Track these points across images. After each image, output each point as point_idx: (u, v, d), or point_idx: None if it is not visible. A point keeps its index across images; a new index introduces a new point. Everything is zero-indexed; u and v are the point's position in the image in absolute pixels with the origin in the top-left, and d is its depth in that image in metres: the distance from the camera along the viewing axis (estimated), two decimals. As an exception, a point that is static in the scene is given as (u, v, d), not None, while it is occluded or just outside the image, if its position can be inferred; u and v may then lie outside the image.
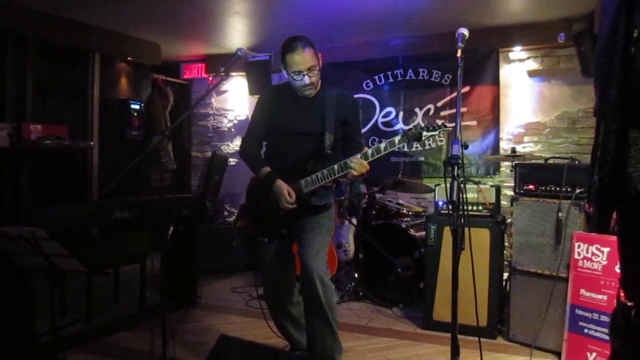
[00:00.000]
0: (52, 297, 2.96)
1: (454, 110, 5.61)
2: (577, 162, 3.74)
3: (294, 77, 2.86)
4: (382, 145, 2.69)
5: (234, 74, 7.04)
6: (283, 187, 2.88)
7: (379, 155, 2.71)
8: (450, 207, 2.14)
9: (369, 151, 2.72)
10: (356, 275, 4.75)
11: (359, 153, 2.75)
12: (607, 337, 2.89)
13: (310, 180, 2.87)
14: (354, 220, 4.96)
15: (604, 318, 3.06)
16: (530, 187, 3.63)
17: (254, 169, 3.04)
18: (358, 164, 2.71)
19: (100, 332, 3.74)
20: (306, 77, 2.84)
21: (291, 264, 3.16)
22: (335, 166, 2.79)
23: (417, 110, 6.00)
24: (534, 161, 4.38)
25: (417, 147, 5.96)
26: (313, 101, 2.98)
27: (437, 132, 2.61)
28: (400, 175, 5.28)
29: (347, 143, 3.03)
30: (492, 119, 5.65)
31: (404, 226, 4.53)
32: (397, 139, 2.66)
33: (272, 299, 3.19)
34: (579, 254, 3.27)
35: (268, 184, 2.93)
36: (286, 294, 3.14)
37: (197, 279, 4.61)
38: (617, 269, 2.83)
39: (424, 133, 2.61)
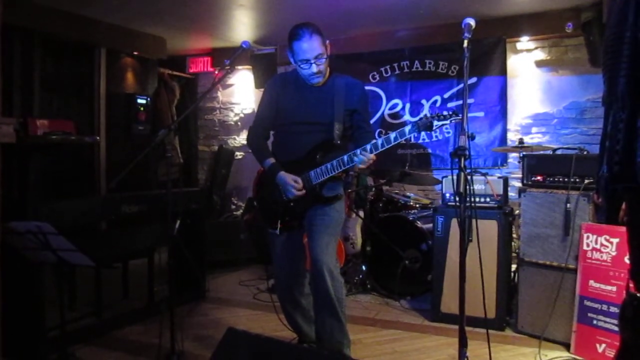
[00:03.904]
0: (61, 291, 2.99)
1: (461, 102, 5.60)
2: (585, 153, 3.71)
3: (301, 65, 2.83)
4: (392, 135, 2.66)
5: (239, 67, 7.03)
6: (287, 177, 2.88)
7: (389, 146, 2.68)
8: (457, 198, 2.13)
9: (379, 141, 2.68)
10: (364, 267, 4.74)
11: (368, 143, 2.71)
12: (616, 328, 2.87)
13: (319, 172, 2.85)
14: (361, 213, 4.95)
15: (613, 309, 3.05)
16: (539, 178, 3.60)
17: (258, 160, 3.04)
18: (365, 160, 2.69)
19: (109, 325, 3.76)
20: (313, 65, 2.80)
21: (301, 255, 3.16)
22: (345, 157, 2.77)
23: (423, 101, 5.97)
24: (542, 152, 4.35)
25: (424, 139, 5.95)
26: (322, 90, 2.94)
27: (447, 122, 2.57)
28: (407, 167, 5.26)
29: (356, 131, 3.00)
30: (500, 109, 5.62)
31: (411, 218, 4.52)
32: (407, 128, 2.63)
33: (282, 290, 3.19)
34: (587, 245, 3.25)
35: (272, 176, 2.93)
36: (297, 285, 3.14)
37: (205, 272, 4.63)
38: (627, 260, 2.81)
39: (435, 122, 2.58)
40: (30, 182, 3.27)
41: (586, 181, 3.34)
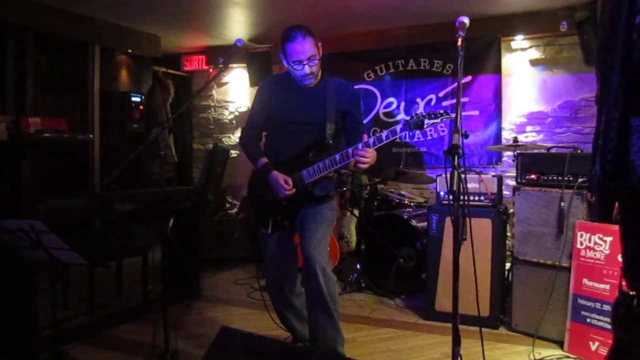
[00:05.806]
0: (54, 289, 2.97)
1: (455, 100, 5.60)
2: (579, 151, 3.72)
3: (294, 66, 2.85)
4: (384, 134, 2.68)
5: (234, 65, 7.01)
6: (279, 177, 2.88)
7: (380, 144, 2.70)
8: (451, 197, 2.13)
9: (370, 140, 2.70)
10: (358, 266, 4.74)
11: (360, 143, 2.73)
12: (609, 327, 2.88)
13: (312, 171, 2.86)
14: (356, 212, 4.95)
15: (607, 307, 3.06)
16: (533, 176, 3.61)
17: (251, 160, 3.04)
18: (368, 154, 2.69)
19: (102, 324, 3.75)
20: (306, 66, 2.83)
21: (293, 255, 3.16)
22: (337, 156, 2.78)
23: (418, 100, 5.97)
24: (536, 151, 4.36)
25: (419, 138, 5.95)
26: (314, 91, 2.96)
27: (439, 120, 2.60)
28: (402, 166, 5.27)
29: (349, 133, 3.02)
30: (494, 108, 5.62)
31: (405, 217, 4.52)
32: (398, 127, 2.65)
33: (274, 290, 3.18)
34: (581, 243, 3.26)
35: (264, 175, 2.93)
36: (288, 284, 3.13)
37: (199, 271, 4.62)
38: (620, 258, 2.82)
39: (426, 121, 2.60)
40: (23, 181, 3.25)
41: (580, 180, 3.36)
